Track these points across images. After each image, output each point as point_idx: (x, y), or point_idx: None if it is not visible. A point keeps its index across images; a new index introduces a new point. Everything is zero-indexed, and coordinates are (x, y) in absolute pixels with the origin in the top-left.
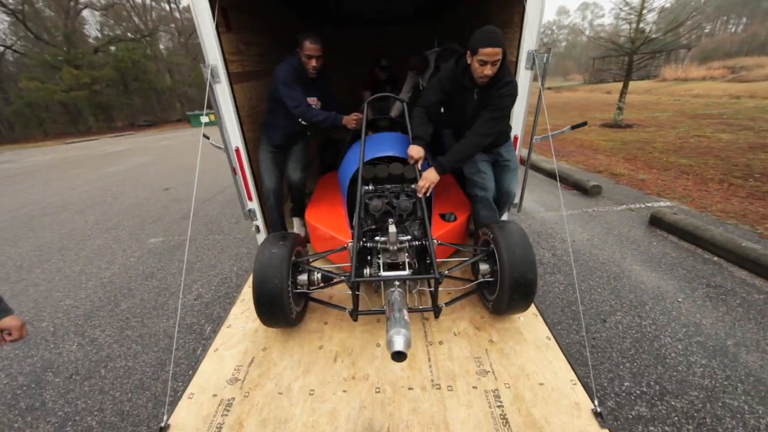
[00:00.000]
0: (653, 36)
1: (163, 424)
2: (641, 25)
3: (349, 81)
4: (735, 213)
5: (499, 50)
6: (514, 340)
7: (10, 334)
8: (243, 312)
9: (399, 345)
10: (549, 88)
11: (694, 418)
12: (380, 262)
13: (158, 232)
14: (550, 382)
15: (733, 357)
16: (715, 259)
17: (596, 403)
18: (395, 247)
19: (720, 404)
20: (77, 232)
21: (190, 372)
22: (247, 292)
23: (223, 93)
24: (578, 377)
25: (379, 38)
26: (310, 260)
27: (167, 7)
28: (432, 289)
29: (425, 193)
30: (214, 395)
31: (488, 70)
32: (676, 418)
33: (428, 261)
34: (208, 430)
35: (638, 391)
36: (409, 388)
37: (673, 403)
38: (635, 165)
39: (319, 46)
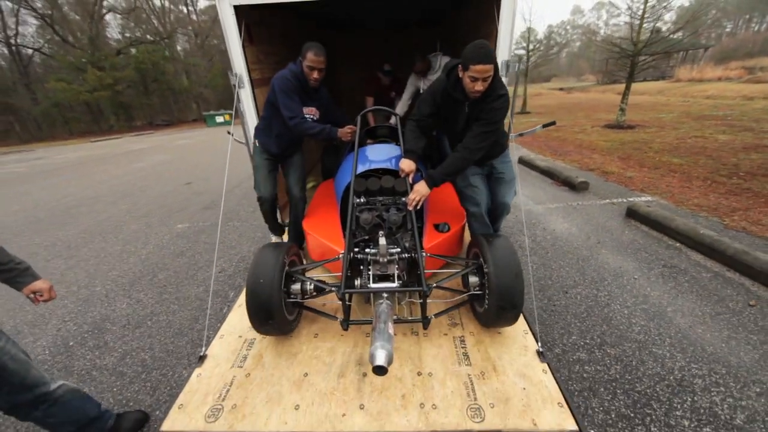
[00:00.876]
0: (665, 35)
1: (202, 354)
2: (653, 25)
3: (354, 85)
4: (708, 207)
5: (489, 67)
6: None
7: (42, 295)
8: None
9: (380, 360)
10: (560, 89)
11: (623, 361)
12: (370, 273)
13: (184, 219)
14: (507, 331)
15: (669, 320)
16: (677, 245)
17: (539, 345)
18: (385, 259)
19: (647, 352)
20: (113, 219)
21: (219, 325)
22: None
23: (246, 97)
24: (530, 328)
25: (384, 43)
26: (306, 269)
27: (185, 10)
28: (421, 300)
29: (416, 206)
30: (240, 336)
31: (479, 86)
32: (608, 361)
33: (419, 273)
34: (236, 358)
35: (582, 343)
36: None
37: (608, 351)
38: (627, 164)
39: (323, 58)
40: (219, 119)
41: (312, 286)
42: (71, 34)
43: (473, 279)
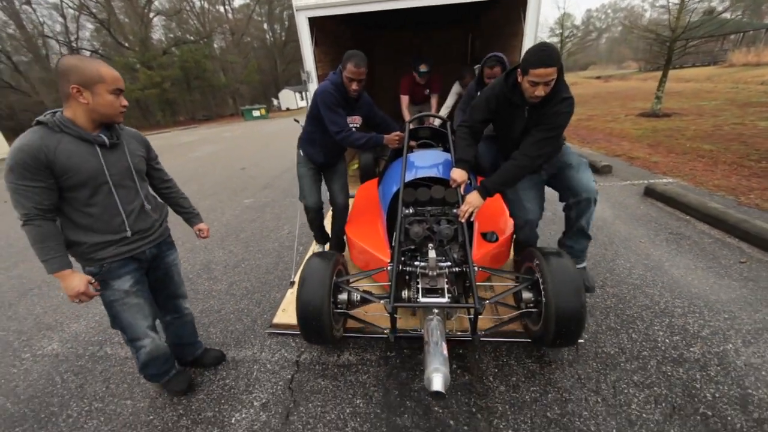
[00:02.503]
0: (716, 16)
1: (292, 280)
2: (706, 4)
3: (390, 81)
4: (727, 187)
5: (553, 70)
6: None
7: (203, 233)
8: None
9: (437, 385)
10: (598, 77)
11: (618, 296)
12: (419, 286)
13: (248, 196)
14: None
15: (664, 271)
16: (687, 217)
17: None
18: (434, 273)
19: (640, 291)
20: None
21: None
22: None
23: (313, 89)
24: None
25: (418, 39)
26: (350, 280)
27: (221, 9)
28: (471, 316)
29: (468, 219)
30: None
31: (540, 91)
32: (606, 297)
33: (467, 284)
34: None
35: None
36: None
37: (608, 290)
38: (655, 150)
39: (364, 69)
40: (255, 113)
41: (359, 298)
42: (123, 37)
43: (527, 295)
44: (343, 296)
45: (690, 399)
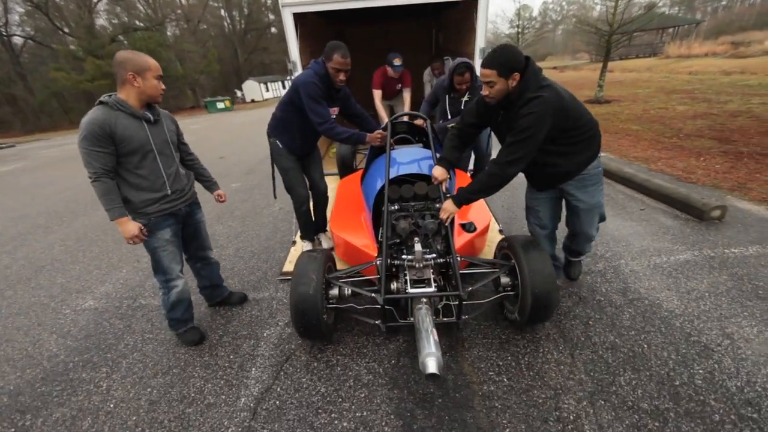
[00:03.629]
0: (656, 11)
1: (293, 239)
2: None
3: (362, 70)
4: (643, 158)
5: (489, 72)
6: None
7: (221, 198)
8: None
9: (432, 368)
10: (554, 68)
11: None
12: (407, 278)
13: (234, 181)
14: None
15: None
16: (609, 181)
17: (500, 225)
18: (421, 265)
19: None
20: None
21: (293, 235)
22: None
23: None
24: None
25: (386, 32)
26: (340, 276)
27: None
28: (456, 302)
29: (447, 222)
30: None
31: (485, 91)
32: None
33: (450, 273)
34: (314, 244)
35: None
36: None
37: None
38: None
39: (349, 59)
40: (220, 105)
41: (350, 292)
42: (63, 22)
43: (505, 280)
44: (335, 291)
45: (591, 293)
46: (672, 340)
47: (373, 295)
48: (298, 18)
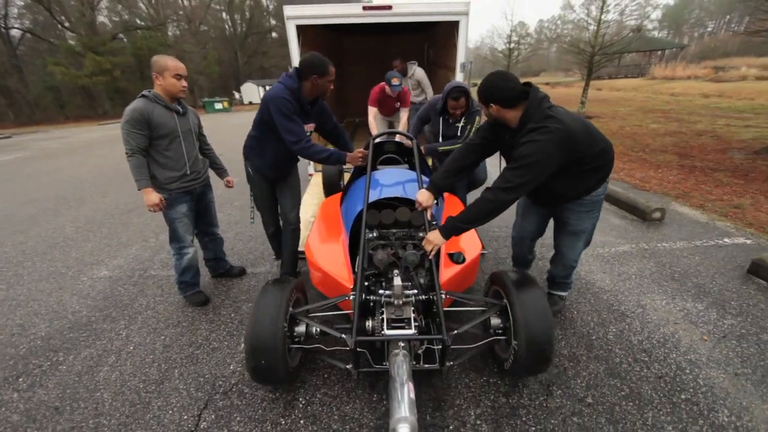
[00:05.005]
0: (645, 34)
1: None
2: (639, 23)
3: (360, 79)
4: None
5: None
6: None
7: (230, 183)
8: None
9: None
10: (547, 83)
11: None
12: (384, 317)
13: (234, 175)
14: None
15: None
16: None
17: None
18: (400, 302)
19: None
20: None
21: None
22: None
23: None
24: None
25: (382, 42)
26: (310, 311)
27: None
28: (440, 347)
29: (431, 256)
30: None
31: (483, 110)
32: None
33: (434, 310)
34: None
35: (502, 236)
36: None
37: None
38: None
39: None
40: (218, 106)
41: (318, 331)
42: (65, 17)
43: (495, 321)
44: (301, 328)
45: (540, 273)
46: (597, 309)
47: (342, 336)
48: (301, 29)
